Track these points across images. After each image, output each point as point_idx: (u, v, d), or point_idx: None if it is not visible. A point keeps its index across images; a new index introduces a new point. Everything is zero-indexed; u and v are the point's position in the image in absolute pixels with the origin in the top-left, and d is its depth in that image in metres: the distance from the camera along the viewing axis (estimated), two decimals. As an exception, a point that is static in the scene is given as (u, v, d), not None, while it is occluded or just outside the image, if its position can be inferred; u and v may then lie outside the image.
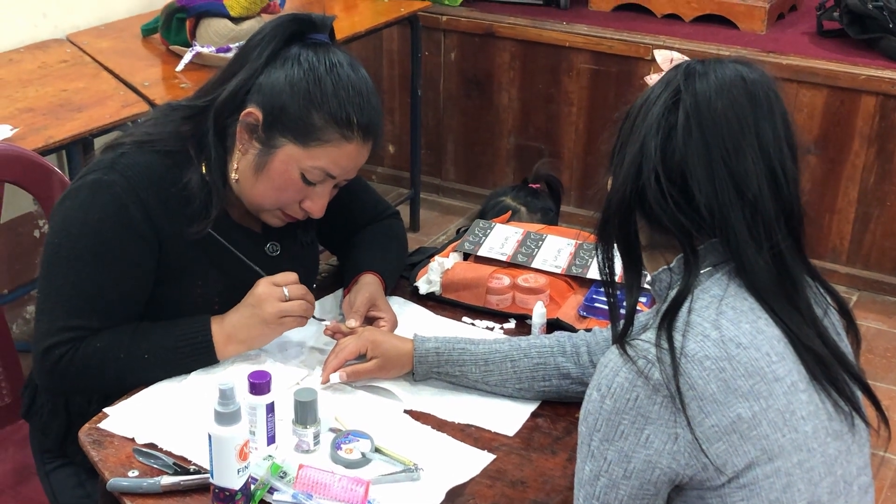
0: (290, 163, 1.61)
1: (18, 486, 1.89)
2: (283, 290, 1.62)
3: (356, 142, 1.62)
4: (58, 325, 1.59)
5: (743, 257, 1.23)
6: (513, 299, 1.87)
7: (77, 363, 1.58)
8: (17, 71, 2.81)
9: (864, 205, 3.54)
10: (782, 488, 1.20)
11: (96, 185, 1.60)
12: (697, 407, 1.17)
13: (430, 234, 4.02)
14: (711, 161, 1.21)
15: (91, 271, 1.59)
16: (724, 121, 1.22)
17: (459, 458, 1.49)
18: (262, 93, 1.60)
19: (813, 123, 3.47)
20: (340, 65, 1.62)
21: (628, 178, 1.25)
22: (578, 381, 1.61)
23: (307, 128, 1.59)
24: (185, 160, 1.63)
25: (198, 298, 1.68)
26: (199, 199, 1.62)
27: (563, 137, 3.95)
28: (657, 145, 1.23)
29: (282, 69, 1.60)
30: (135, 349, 1.60)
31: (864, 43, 3.53)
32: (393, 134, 4.30)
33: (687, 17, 3.84)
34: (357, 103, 1.61)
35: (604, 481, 1.22)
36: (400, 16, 3.57)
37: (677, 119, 1.23)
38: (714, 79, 1.24)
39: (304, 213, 1.68)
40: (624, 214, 1.27)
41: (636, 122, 1.26)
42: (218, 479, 1.35)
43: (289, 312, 1.62)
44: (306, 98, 1.58)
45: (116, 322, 1.61)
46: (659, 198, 1.23)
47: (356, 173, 1.70)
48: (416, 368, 1.64)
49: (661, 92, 1.25)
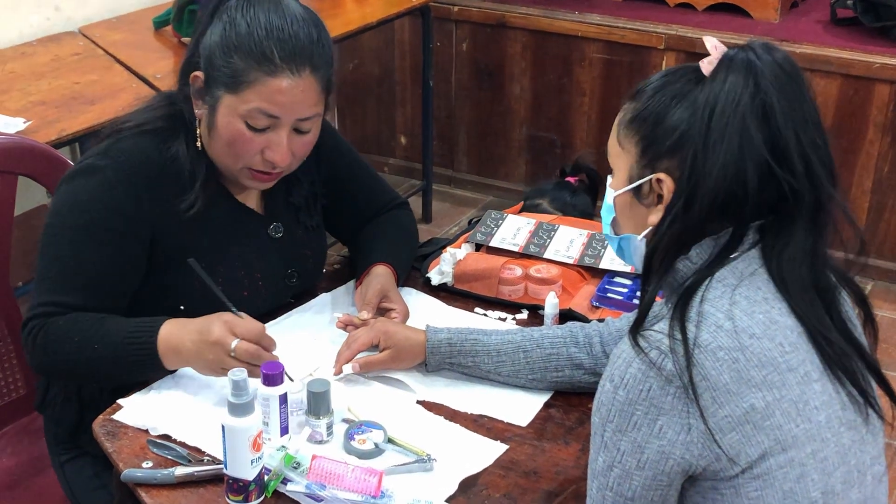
0: (230, 114, 1.59)
1: (34, 477, 1.90)
2: (233, 343, 1.51)
3: (284, 75, 1.56)
4: (39, 300, 1.62)
5: (795, 237, 1.22)
6: (525, 290, 1.87)
7: (42, 339, 1.60)
8: (30, 64, 2.82)
9: (879, 194, 3.52)
10: (796, 478, 1.19)
11: (89, 170, 1.63)
12: (711, 397, 1.17)
13: (442, 226, 4.02)
14: (803, 138, 1.21)
15: (73, 250, 1.61)
16: (800, 96, 1.22)
17: (472, 449, 1.50)
18: (202, 53, 1.61)
19: (827, 112, 3.45)
20: (260, 6, 1.59)
21: (726, 172, 1.20)
22: (591, 371, 1.61)
23: (232, 73, 1.57)
24: (174, 136, 1.66)
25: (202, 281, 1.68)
26: (186, 171, 1.64)
27: (575, 127, 3.94)
28: (756, 130, 1.20)
29: (215, 25, 1.60)
30: (91, 335, 1.58)
31: (878, 31, 3.50)
32: (405, 125, 4.30)
33: (700, 5, 3.82)
34: (277, 37, 1.56)
35: (617, 472, 1.22)
36: (411, 6, 3.56)
37: (768, 101, 1.20)
38: (773, 59, 1.22)
39: (270, 165, 1.63)
40: (708, 211, 1.22)
41: (710, 126, 1.20)
42: (232, 470, 1.36)
43: (229, 367, 1.46)
44: (226, 45, 1.58)
45: (95, 303, 1.61)
46: (756, 186, 1.20)
47: (312, 110, 1.61)
48: (429, 359, 1.64)
49: (733, 83, 1.21)
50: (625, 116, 1.31)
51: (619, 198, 1.33)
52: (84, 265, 1.62)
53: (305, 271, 1.84)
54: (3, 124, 2.35)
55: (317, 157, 1.83)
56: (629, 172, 1.30)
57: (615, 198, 1.33)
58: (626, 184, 1.30)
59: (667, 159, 1.25)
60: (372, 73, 4.28)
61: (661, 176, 1.25)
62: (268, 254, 1.75)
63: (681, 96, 1.25)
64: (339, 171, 1.89)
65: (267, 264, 1.76)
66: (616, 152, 1.33)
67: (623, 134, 1.30)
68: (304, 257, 1.83)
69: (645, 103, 1.28)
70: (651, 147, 1.26)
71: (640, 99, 1.30)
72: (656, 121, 1.26)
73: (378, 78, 4.28)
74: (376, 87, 4.30)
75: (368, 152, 4.38)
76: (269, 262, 1.76)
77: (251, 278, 1.72)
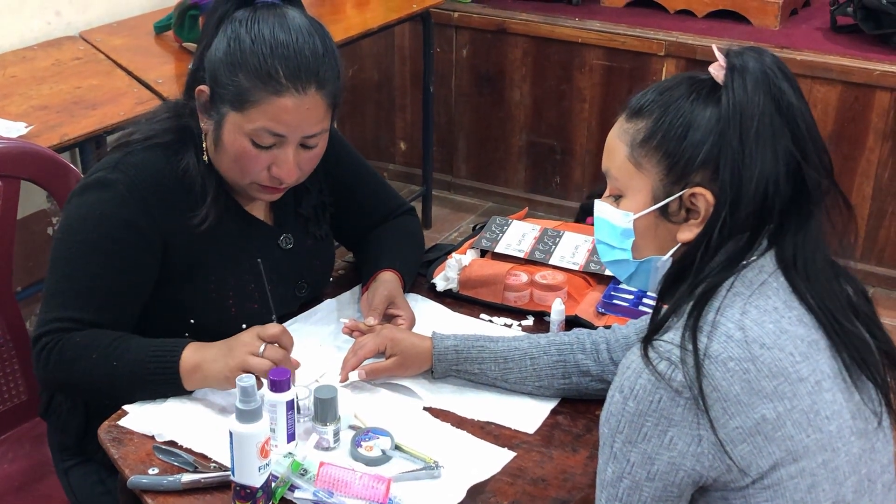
0: (236, 131, 1.58)
1: (36, 482, 1.89)
2: (261, 346, 1.53)
3: (290, 94, 1.54)
4: (50, 317, 1.60)
5: (813, 233, 1.24)
6: (531, 296, 1.87)
7: (56, 355, 1.59)
8: (32, 68, 2.81)
9: (879, 201, 3.52)
10: (807, 488, 1.19)
11: (100, 184, 1.61)
12: (721, 408, 1.16)
13: (441, 231, 4.02)
14: (812, 131, 1.23)
15: (86, 265, 1.60)
16: (799, 92, 1.24)
17: (480, 456, 1.49)
18: (206, 67, 1.60)
19: (827, 119, 3.46)
20: (265, 21, 1.56)
21: (765, 174, 1.20)
22: (598, 378, 1.60)
23: (237, 92, 1.56)
24: (184, 149, 1.65)
25: (212, 294, 1.67)
26: (197, 185, 1.63)
27: (575, 134, 3.94)
28: (783, 130, 1.21)
29: (220, 40, 1.58)
30: (109, 353, 1.58)
31: (879, 38, 3.51)
32: (404, 131, 4.30)
33: (700, 12, 3.83)
34: (281, 55, 1.54)
35: (627, 483, 1.21)
36: (412, 12, 3.56)
37: (785, 101, 1.21)
38: (773, 61, 1.23)
39: (277, 181, 1.63)
40: (750, 216, 1.22)
41: (743, 133, 1.20)
42: (239, 477, 1.35)
43: (250, 368, 1.51)
44: (230, 62, 1.56)
45: (109, 318, 1.61)
46: (786, 184, 1.22)
47: (318, 127, 1.60)
48: (436, 366, 1.63)
49: (753, 87, 1.21)
50: (636, 136, 1.28)
51: (640, 220, 1.30)
52: (98, 280, 1.61)
53: (315, 281, 1.84)
54: (5, 129, 2.34)
55: (324, 165, 1.82)
56: (653, 192, 1.27)
57: (635, 221, 1.30)
58: (649, 204, 1.28)
59: (699, 172, 1.24)
60: (372, 79, 4.28)
61: (697, 190, 1.24)
62: (278, 265, 1.75)
63: (700, 107, 1.24)
64: (345, 177, 1.89)
65: (278, 276, 1.75)
66: (629, 174, 1.29)
67: (640, 154, 1.28)
68: (314, 267, 1.83)
69: (658, 120, 1.26)
70: (680, 162, 1.25)
71: (646, 116, 1.28)
72: (681, 135, 1.24)
73: (378, 83, 4.27)
74: (376, 92, 4.29)
75: (368, 158, 4.32)
76: (280, 273, 1.76)
77: (261, 290, 1.71)
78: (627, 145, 1.29)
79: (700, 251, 1.23)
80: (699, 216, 1.25)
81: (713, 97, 1.24)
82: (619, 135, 1.31)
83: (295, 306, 1.82)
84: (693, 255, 1.24)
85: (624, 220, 1.31)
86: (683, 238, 1.27)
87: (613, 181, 1.32)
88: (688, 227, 1.26)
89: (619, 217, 1.31)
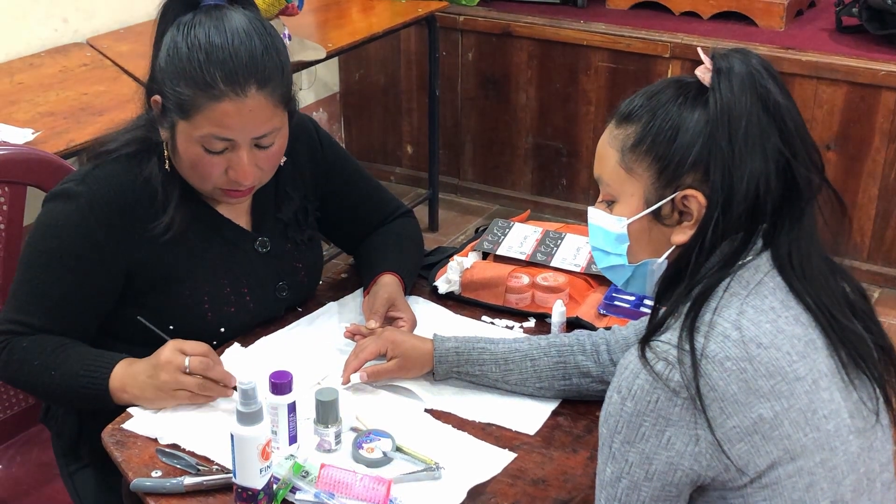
0: (187, 140, 1.58)
1: (43, 486, 1.91)
2: (185, 360, 1.54)
3: (228, 98, 1.53)
4: (6, 317, 1.65)
5: (808, 230, 1.24)
6: (532, 298, 1.87)
7: (6, 355, 1.63)
8: (38, 75, 2.83)
9: (885, 201, 3.51)
10: (805, 488, 1.19)
11: (66, 195, 1.63)
12: (719, 408, 1.17)
13: (448, 234, 4.03)
14: (801, 130, 1.25)
15: (42, 272, 1.63)
16: (785, 90, 1.24)
17: (481, 457, 1.50)
18: (156, 77, 1.60)
19: (832, 120, 3.45)
20: (201, 25, 1.54)
21: (755, 173, 1.21)
22: (599, 379, 1.61)
23: (181, 100, 1.55)
24: (147, 159, 1.66)
25: (187, 301, 1.69)
26: (160, 192, 1.64)
27: (581, 136, 3.95)
28: (771, 129, 1.22)
29: (163, 49, 1.58)
30: (49, 361, 1.61)
31: (884, 39, 3.51)
32: (411, 134, 4.31)
33: (705, 14, 3.83)
34: (217, 59, 1.52)
35: (625, 483, 1.22)
36: (417, 16, 3.57)
37: (772, 100, 1.22)
38: (759, 61, 1.24)
39: (237, 183, 1.62)
40: (742, 215, 1.23)
41: (731, 134, 1.21)
42: (241, 479, 1.36)
43: (183, 386, 1.54)
44: (171, 72, 1.56)
45: (59, 327, 1.64)
46: (776, 182, 1.23)
47: (267, 126, 1.58)
48: (437, 368, 1.64)
49: (739, 87, 1.22)
50: (626, 141, 1.29)
51: (634, 224, 1.30)
52: (50, 288, 1.64)
53: (296, 284, 1.83)
54: (12, 135, 2.36)
55: (315, 171, 1.83)
56: (645, 196, 1.28)
57: (629, 225, 1.31)
58: (642, 208, 1.29)
59: (689, 174, 1.25)
60: (378, 83, 4.29)
61: (689, 192, 1.25)
62: (255, 268, 1.75)
63: (688, 110, 1.25)
64: (339, 184, 1.89)
65: (254, 279, 1.75)
66: (620, 179, 1.30)
67: (630, 159, 1.28)
68: (295, 270, 1.82)
69: (648, 124, 1.27)
70: (670, 165, 1.26)
71: (635, 121, 1.28)
72: (670, 138, 1.25)
73: (384, 87, 4.29)
74: (382, 96, 4.31)
75: (374, 161, 4.39)
76: (257, 276, 1.76)
77: (238, 293, 1.72)
78: (618, 151, 1.30)
79: (695, 253, 1.24)
80: (692, 218, 1.26)
81: (700, 99, 1.25)
82: (609, 141, 1.32)
83: (278, 309, 1.82)
84: (688, 256, 1.25)
85: (618, 226, 1.32)
86: (677, 240, 1.28)
87: (606, 187, 1.33)
88: (681, 229, 1.27)
89: (612, 223, 1.32)
